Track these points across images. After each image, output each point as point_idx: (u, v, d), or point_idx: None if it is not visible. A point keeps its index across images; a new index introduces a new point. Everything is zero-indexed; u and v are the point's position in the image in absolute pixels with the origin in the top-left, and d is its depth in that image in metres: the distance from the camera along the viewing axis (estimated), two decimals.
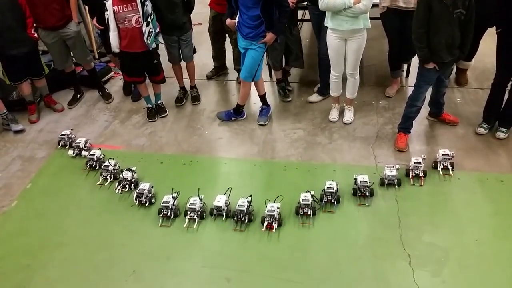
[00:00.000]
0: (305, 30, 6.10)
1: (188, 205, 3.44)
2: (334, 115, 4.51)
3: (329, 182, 3.51)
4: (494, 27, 3.87)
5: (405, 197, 3.54)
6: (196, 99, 5.02)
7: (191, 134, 4.52)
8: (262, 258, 3.14)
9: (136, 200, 3.66)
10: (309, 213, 3.39)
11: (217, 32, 4.88)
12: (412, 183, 3.64)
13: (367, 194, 3.51)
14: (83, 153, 4.20)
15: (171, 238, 3.36)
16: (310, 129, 4.43)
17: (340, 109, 4.56)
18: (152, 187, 3.70)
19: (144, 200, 3.64)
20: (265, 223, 3.32)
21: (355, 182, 3.56)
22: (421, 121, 4.33)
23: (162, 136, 4.51)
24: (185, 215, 3.45)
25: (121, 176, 3.84)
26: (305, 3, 4.53)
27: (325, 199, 3.49)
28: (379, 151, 4.04)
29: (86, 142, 4.31)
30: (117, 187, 3.83)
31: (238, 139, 4.39)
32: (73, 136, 4.46)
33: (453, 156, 3.72)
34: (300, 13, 5.13)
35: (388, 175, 3.59)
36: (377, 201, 3.52)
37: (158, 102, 4.84)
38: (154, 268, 3.14)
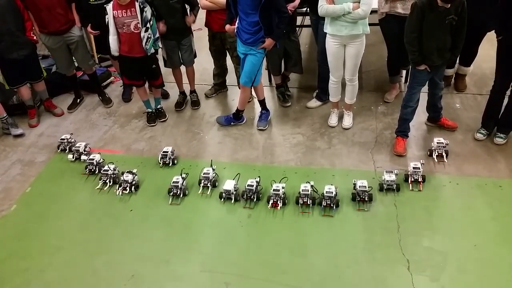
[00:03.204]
0: (304, 36, 6.13)
1: (202, 174, 3.79)
2: (333, 120, 4.53)
3: (328, 186, 3.53)
4: (495, 33, 3.89)
5: (404, 202, 3.54)
6: (195, 103, 5.03)
7: (190, 139, 4.53)
8: (261, 263, 3.15)
9: (160, 161, 4.10)
10: (308, 203, 3.51)
11: (218, 51, 4.87)
12: (411, 188, 3.64)
13: (366, 199, 3.52)
14: (83, 157, 4.21)
15: (170, 242, 3.36)
16: (309, 134, 4.45)
17: (339, 114, 4.57)
18: (174, 150, 4.15)
19: (168, 160, 4.08)
20: (271, 202, 3.55)
21: (354, 187, 3.57)
22: (419, 126, 4.35)
23: (161, 141, 4.51)
24: (199, 183, 3.80)
25: (121, 178, 3.86)
26: (304, 9, 4.56)
27: (324, 203, 3.50)
28: (378, 156, 4.05)
29: (85, 146, 4.32)
30: (118, 189, 3.86)
31: (237, 144, 4.40)
32: (72, 140, 4.47)
33: (447, 144, 3.89)
34: (299, 18, 5.15)
35: (387, 180, 3.60)
36: (376, 206, 3.53)
37: (158, 107, 4.85)
38: (153, 272, 3.14)
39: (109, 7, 4.11)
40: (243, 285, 3.01)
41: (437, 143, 3.92)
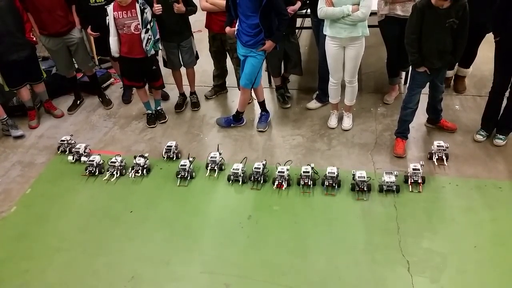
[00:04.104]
0: (304, 38, 6.14)
1: (209, 158, 3.98)
2: (333, 121, 4.54)
3: (330, 167, 3.72)
4: (493, 35, 3.91)
5: (404, 203, 3.55)
6: (195, 105, 5.04)
7: (190, 140, 4.53)
8: (261, 264, 3.15)
9: (165, 155, 4.22)
10: (309, 183, 3.71)
11: (218, 52, 4.87)
12: (410, 190, 3.65)
13: (365, 189, 3.58)
14: (83, 158, 4.22)
15: (170, 243, 3.37)
16: (309, 135, 4.45)
17: (339, 116, 4.58)
18: (178, 144, 4.28)
19: (172, 154, 4.20)
20: (276, 183, 3.74)
21: (353, 177, 3.64)
22: (419, 128, 4.36)
23: (161, 142, 4.51)
24: (206, 167, 4.00)
25: (134, 162, 4.02)
26: (304, 11, 4.57)
27: (326, 183, 3.64)
28: (377, 158, 4.06)
29: (85, 147, 4.32)
30: (131, 171, 3.98)
31: (237, 145, 4.40)
32: (72, 141, 4.48)
33: (447, 147, 3.91)
34: (299, 20, 5.16)
35: (387, 182, 3.61)
36: (376, 207, 3.54)
37: (158, 108, 4.86)
38: (153, 273, 3.14)
39: (110, 8, 4.13)
40: (243, 286, 3.02)
41: (437, 146, 3.92)
